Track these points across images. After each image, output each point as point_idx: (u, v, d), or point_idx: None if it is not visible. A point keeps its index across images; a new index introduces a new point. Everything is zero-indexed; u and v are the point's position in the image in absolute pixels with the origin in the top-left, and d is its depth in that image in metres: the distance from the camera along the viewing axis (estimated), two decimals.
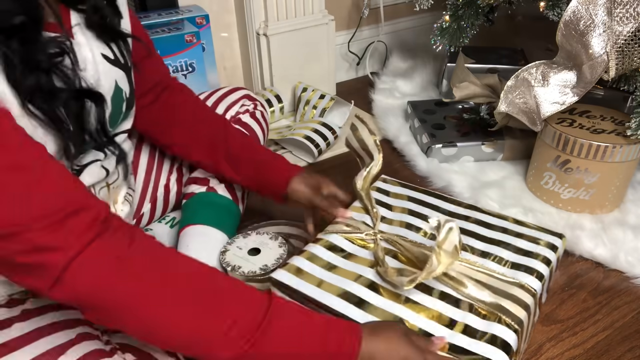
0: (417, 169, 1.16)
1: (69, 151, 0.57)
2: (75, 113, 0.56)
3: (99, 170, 0.66)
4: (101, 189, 0.68)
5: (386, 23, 1.63)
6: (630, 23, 0.83)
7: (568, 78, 0.94)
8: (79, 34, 0.60)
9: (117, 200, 0.73)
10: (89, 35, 0.61)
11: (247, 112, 0.94)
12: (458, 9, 1.08)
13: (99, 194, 0.68)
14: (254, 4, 1.26)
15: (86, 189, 0.53)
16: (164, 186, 0.90)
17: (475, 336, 0.60)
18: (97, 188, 0.68)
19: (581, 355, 0.75)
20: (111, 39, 0.64)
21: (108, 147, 0.65)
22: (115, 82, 0.64)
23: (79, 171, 0.63)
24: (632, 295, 0.85)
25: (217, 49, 1.34)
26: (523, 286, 0.66)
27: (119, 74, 0.65)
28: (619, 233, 0.93)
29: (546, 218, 0.98)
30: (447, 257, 0.62)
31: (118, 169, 0.72)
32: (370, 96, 1.44)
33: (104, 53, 0.63)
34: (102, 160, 0.66)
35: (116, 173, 0.71)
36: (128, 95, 0.68)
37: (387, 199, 0.83)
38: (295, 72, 1.37)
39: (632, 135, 0.89)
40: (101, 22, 0.62)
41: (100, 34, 0.62)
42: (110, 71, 0.63)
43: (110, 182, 0.70)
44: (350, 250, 0.73)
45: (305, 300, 0.66)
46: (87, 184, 0.64)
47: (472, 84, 1.21)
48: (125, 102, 0.67)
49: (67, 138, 0.55)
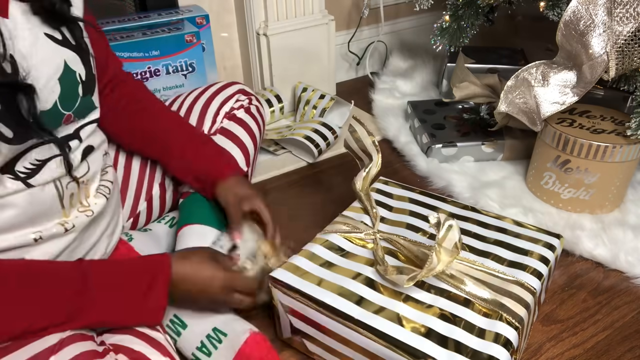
0: (417, 169, 1.16)
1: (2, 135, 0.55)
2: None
3: (58, 165, 0.64)
4: (69, 184, 0.66)
5: (386, 23, 1.63)
6: (630, 23, 0.83)
7: (568, 78, 0.94)
8: (17, 14, 0.59)
9: (89, 194, 0.71)
10: (33, 18, 0.60)
11: (242, 107, 0.93)
12: (458, 9, 1.08)
13: (67, 188, 0.66)
14: (254, 4, 1.26)
15: None
16: (159, 184, 0.89)
17: (476, 334, 0.60)
18: (64, 183, 0.66)
19: (581, 355, 0.75)
20: (59, 24, 0.64)
21: (45, 136, 0.61)
22: (64, 62, 0.63)
23: (39, 167, 0.62)
24: (632, 295, 0.85)
25: (217, 49, 1.34)
26: (523, 284, 0.66)
27: (69, 54, 0.64)
28: (619, 233, 0.93)
29: (546, 218, 0.97)
30: (447, 255, 0.62)
31: (88, 162, 0.70)
32: (370, 96, 1.44)
33: (49, 33, 0.62)
34: (68, 153, 0.65)
35: (85, 166, 0.69)
36: (84, 78, 0.66)
37: (387, 201, 0.83)
38: (295, 72, 1.37)
39: (632, 135, 0.89)
40: (45, 9, 0.61)
41: (45, 19, 0.62)
42: (56, 51, 0.62)
43: (78, 176, 0.68)
44: (349, 249, 0.73)
45: (305, 298, 0.66)
46: (48, 179, 0.63)
47: (472, 84, 1.21)
48: (80, 84, 0.66)
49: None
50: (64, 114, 0.64)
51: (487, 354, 0.57)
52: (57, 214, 0.66)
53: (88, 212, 0.69)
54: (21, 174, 0.60)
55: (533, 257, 0.71)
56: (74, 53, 0.65)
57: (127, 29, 1.13)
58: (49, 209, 0.64)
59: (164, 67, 1.15)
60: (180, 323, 0.71)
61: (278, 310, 0.71)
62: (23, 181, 0.61)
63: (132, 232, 0.85)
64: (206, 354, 0.68)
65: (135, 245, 0.82)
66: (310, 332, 0.69)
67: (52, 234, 0.64)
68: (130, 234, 0.85)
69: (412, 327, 0.61)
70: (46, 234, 0.64)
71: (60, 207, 0.66)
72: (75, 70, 0.65)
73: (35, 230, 0.63)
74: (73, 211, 0.68)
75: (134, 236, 0.84)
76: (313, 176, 1.17)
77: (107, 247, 0.75)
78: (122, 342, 0.62)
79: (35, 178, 0.62)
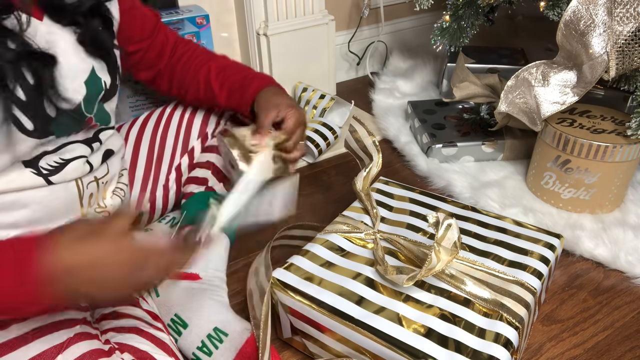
0: (417, 168, 1.16)
1: (17, 120, 0.56)
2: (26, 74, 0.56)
3: (83, 165, 0.67)
4: (89, 184, 0.69)
5: (386, 23, 1.63)
6: (631, 23, 0.83)
7: (568, 78, 0.94)
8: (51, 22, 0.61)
9: (105, 195, 0.75)
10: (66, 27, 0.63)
11: None
12: (458, 8, 1.08)
13: (87, 188, 0.69)
14: (254, 4, 1.26)
15: None
16: (162, 186, 0.90)
17: (476, 334, 0.60)
18: (85, 182, 0.69)
19: (581, 355, 0.75)
20: (99, 55, 0.67)
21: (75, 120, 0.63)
22: (92, 67, 0.66)
23: (62, 165, 0.64)
24: (632, 295, 0.85)
25: (217, 49, 1.34)
26: (523, 284, 0.66)
27: (97, 62, 0.67)
28: (619, 233, 0.93)
29: (546, 218, 0.97)
30: (446, 254, 0.62)
31: (108, 164, 0.73)
32: (370, 96, 1.44)
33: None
34: (89, 155, 0.68)
35: (105, 168, 0.72)
36: (108, 86, 0.69)
37: (388, 200, 0.83)
38: (295, 72, 1.37)
39: (633, 135, 0.89)
40: (89, 40, 0.65)
41: (87, 50, 0.65)
42: (85, 57, 0.65)
43: (98, 177, 0.71)
44: (349, 249, 0.73)
45: (305, 298, 0.66)
46: (71, 177, 0.66)
47: (472, 84, 1.21)
48: (104, 92, 0.68)
49: (11, 102, 0.55)
50: (87, 116, 0.66)
51: (487, 354, 0.57)
52: (76, 213, 0.68)
53: (104, 213, 0.70)
54: (44, 170, 0.63)
55: (533, 257, 0.71)
56: (102, 62, 0.67)
57: None
58: (69, 207, 0.66)
59: None
60: (181, 323, 0.71)
61: (278, 310, 0.71)
62: (45, 177, 0.63)
63: None
64: (207, 354, 0.68)
65: None
66: (310, 332, 0.69)
67: None
68: None
69: (412, 327, 0.61)
70: None
71: (79, 205, 0.68)
72: (101, 77, 0.67)
73: (54, 227, 0.64)
74: (90, 211, 0.70)
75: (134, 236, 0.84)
76: (313, 176, 1.17)
77: None
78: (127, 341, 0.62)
79: (57, 176, 0.64)
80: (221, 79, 0.85)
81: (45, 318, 0.61)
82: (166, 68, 0.87)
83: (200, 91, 0.86)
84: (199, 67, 0.86)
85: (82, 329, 0.61)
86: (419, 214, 0.80)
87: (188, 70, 0.87)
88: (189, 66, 0.87)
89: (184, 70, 0.87)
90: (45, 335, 0.58)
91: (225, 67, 0.86)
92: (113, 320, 0.67)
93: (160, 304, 0.74)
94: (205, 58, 0.88)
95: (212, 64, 0.86)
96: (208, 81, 0.85)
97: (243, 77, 0.84)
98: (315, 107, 1.28)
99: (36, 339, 0.58)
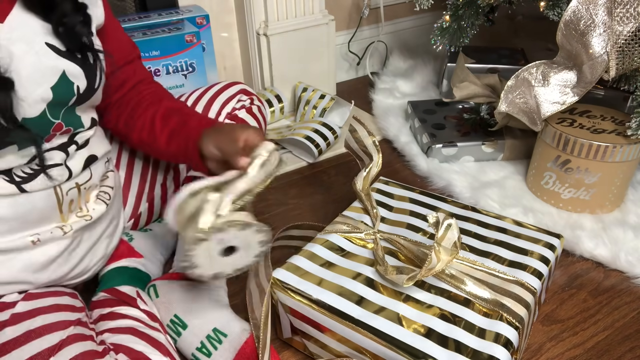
0: (417, 168, 1.16)
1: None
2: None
3: (61, 171, 0.64)
4: (70, 190, 0.66)
5: (386, 23, 1.63)
6: (631, 23, 0.83)
7: (568, 78, 0.94)
8: (18, 21, 0.57)
9: (88, 199, 0.71)
10: (37, 27, 0.59)
11: (243, 107, 0.93)
12: (458, 8, 1.08)
13: (67, 195, 0.65)
14: (254, 4, 1.26)
15: None
16: (160, 185, 0.89)
17: (477, 333, 0.60)
18: (65, 189, 0.65)
19: (581, 355, 0.75)
20: (77, 49, 0.62)
21: (24, 136, 0.59)
22: (62, 72, 0.60)
23: (36, 172, 0.61)
24: (632, 295, 0.85)
25: (217, 49, 1.34)
26: (523, 284, 0.66)
27: (70, 65, 0.61)
28: (619, 233, 0.93)
29: (546, 218, 0.97)
30: (446, 254, 0.62)
31: (91, 170, 0.69)
32: (370, 96, 1.44)
33: (51, 43, 0.59)
34: (65, 161, 0.64)
35: (88, 174, 0.69)
36: (82, 91, 0.63)
37: (388, 200, 0.83)
38: (295, 72, 1.37)
39: (633, 135, 0.89)
40: (65, 33, 0.60)
41: (60, 52, 0.60)
42: (55, 60, 0.60)
43: (80, 183, 0.67)
44: (349, 249, 0.73)
45: (305, 298, 0.66)
46: (43, 186, 0.62)
47: (472, 83, 1.21)
48: (76, 96, 0.63)
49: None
50: (54, 122, 0.62)
51: (487, 354, 0.57)
52: (55, 219, 0.65)
53: (87, 217, 0.69)
54: (17, 178, 0.60)
55: (533, 257, 0.71)
56: (76, 65, 0.62)
57: (128, 29, 1.13)
58: (46, 215, 0.64)
59: (164, 67, 1.15)
60: (180, 323, 0.71)
61: (278, 310, 0.71)
62: (17, 185, 0.60)
63: (132, 232, 0.86)
64: (206, 355, 0.68)
65: (136, 245, 0.83)
66: (310, 332, 0.69)
67: (51, 236, 0.64)
68: (131, 234, 0.85)
69: (412, 327, 0.61)
70: (44, 237, 0.64)
71: (58, 212, 0.65)
72: (74, 82, 0.62)
73: (32, 233, 0.63)
74: (71, 216, 0.68)
75: (135, 236, 0.84)
76: (313, 176, 1.17)
77: (108, 247, 0.76)
78: (122, 341, 0.62)
79: (31, 184, 0.61)
80: (167, 119, 0.75)
81: (38, 321, 0.61)
82: (118, 101, 0.78)
83: (143, 130, 0.76)
84: (150, 104, 0.77)
85: (76, 330, 0.61)
86: (419, 214, 0.80)
87: (138, 107, 0.77)
88: (140, 103, 0.77)
89: (135, 106, 0.77)
90: (38, 337, 0.58)
91: (179, 109, 0.77)
92: (110, 321, 0.67)
93: (160, 305, 0.74)
94: (160, 98, 0.78)
95: (165, 103, 0.77)
96: (153, 120, 0.75)
97: (184, 116, 0.75)
98: (315, 107, 1.28)
99: (29, 341, 0.58)
